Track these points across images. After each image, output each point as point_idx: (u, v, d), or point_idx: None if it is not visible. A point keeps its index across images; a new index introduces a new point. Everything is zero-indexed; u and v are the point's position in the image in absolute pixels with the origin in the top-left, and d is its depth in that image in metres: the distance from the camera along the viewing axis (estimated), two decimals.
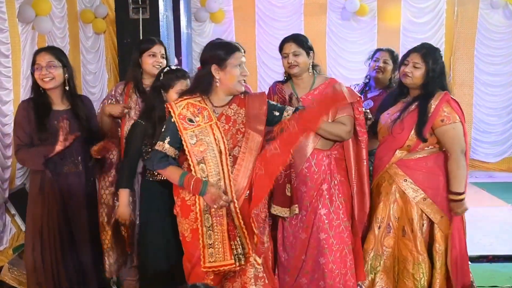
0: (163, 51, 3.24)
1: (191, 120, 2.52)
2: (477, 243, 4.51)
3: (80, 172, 3.02)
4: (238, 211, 2.53)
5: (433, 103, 2.91)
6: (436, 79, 2.95)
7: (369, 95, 3.87)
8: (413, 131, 2.95)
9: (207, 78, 2.55)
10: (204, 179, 2.50)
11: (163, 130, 2.59)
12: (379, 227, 3.08)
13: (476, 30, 7.35)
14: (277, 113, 2.67)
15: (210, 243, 2.50)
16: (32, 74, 2.93)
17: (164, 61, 3.24)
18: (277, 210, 3.04)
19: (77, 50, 6.19)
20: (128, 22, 4.88)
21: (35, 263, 2.96)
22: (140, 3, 4.82)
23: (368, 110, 3.27)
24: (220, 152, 2.51)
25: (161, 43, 3.28)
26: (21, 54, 4.76)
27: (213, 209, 2.49)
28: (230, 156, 2.54)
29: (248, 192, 2.57)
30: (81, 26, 6.39)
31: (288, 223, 3.13)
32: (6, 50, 4.47)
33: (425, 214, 3.00)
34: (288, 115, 2.66)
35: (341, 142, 3.11)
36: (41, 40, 5.22)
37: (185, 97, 2.60)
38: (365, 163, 3.12)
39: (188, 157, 2.51)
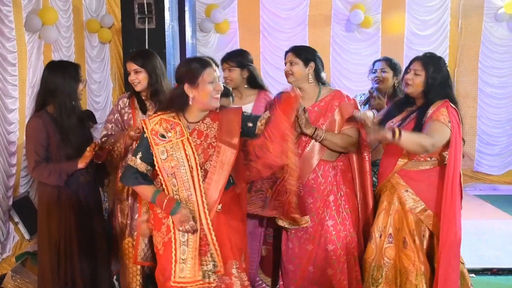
0: (135, 67, 3.14)
1: (163, 136, 2.53)
2: (481, 256, 4.49)
3: (91, 180, 3.12)
4: (210, 226, 2.50)
5: (431, 109, 2.90)
6: (437, 87, 2.92)
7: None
8: None
9: (181, 96, 2.53)
10: (175, 193, 2.51)
11: (136, 145, 2.62)
12: (380, 236, 3.06)
13: (480, 42, 7.36)
14: (250, 124, 2.61)
15: (183, 258, 2.49)
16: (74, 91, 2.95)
17: (140, 75, 3.13)
18: (284, 222, 3.04)
19: (82, 59, 6.22)
20: (134, 32, 4.90)
21: (52, 275, 2.98)
22: (146, 13, 4.85)
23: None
24: (191, 168, 2.50)
25: (133, 59, 3.17)
26: (27, 62, 4.79)
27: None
28: (202, 170, 2.52)
29: (220, 206, 2.55)
30: (87, 36, 6.42)
31: (294, 234, 3.13)
32: (13, 59, 4.50)
33: (425, 225, 2.98)
34: (261, 124, 2.59)
35: (346, 153, 3.13)
36: (47, 49, 5.25)
37: (159, 113, 2.60)
38: (368, 175, 3.14)
39: (159, 171, 2.52)
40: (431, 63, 2.95)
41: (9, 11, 4.42)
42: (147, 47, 4.78)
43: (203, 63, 2.54)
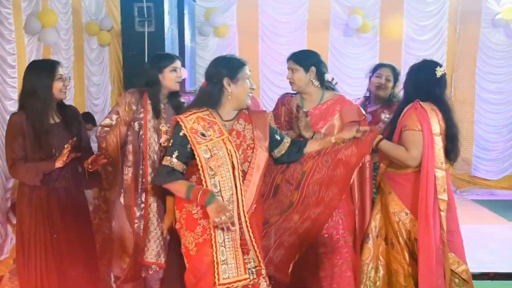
0: (180, 65, 3.19)
1: (203, 134, 2.51)
2: (478, 260, 4.49)
3: (70, 186, 2.99)
4: (248, 225, 2.53)
5: (404, 111, 2.98)
6: (410, 91, 3.02)
7: (368, 109, 3.88)
8: None
9: (218, 92, 2.55)
10: (217, 194, 2.47)
11: (170, 145, 2.56)
12: (377, 237, 3.08)
13: (478, 48, 7.40)
14: (278, 137, 2.73)
15: (223, 259, 2.46)
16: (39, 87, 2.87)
17: None
18: None
19: (81, 62, 6.23)
20: (134, 35, 4.94)
21: (28, 277, 2.91)
22: (145, 16, 4.88)
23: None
24: (233, 167, 2.51)
25: (179, 58, 3.25)
26: (26, 65, 4.78)
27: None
28: (241, 171, 2.54)
29: (255, 206, 2.59)
30: (86, 38, 6.43)
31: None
32: (13, 61, 4.51)
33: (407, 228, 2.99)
34: (287, 142, 2.74)
35: None
36: (46, 52, 5.26)
37: (193, 111, 2.58)
38: (367, 181, 3.12)
39: (201, 172, 2.48)
40: (410, 70, 3.11)
41: (9, 13, 4.43)
42: (146, 50, 4.80)
43: (242, 60, 2.62)
